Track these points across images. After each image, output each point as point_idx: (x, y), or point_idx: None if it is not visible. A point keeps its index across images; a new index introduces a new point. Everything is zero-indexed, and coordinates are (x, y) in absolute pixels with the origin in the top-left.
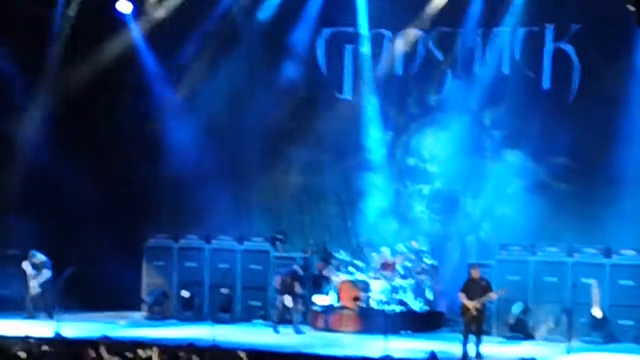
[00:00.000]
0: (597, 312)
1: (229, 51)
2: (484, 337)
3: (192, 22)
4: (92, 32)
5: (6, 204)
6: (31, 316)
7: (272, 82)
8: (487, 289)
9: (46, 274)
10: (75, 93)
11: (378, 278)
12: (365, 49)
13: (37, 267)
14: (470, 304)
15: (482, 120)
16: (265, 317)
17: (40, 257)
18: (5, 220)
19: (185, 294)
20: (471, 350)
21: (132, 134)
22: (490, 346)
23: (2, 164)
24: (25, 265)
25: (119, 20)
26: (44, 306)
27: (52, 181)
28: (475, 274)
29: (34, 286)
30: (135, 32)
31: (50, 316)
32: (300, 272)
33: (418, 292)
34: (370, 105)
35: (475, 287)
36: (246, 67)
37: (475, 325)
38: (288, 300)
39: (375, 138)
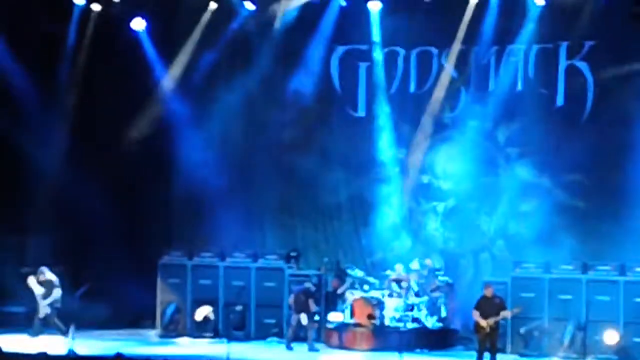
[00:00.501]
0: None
1: (243, 68)
2: (499, 355)
3: (206, 39)
4: (106, 49)
5: (22, 222)
6: (36, 336)
7: (285, 99)
8: (501, 306)
9: (56, 293)
10: (90, 111)
11: (392, 295)
12: (379, 66)
13: (44, 284)
14: (483, 322)
15: (496, 138)
16: (279, 335)
17: (49, 275)
18: (21, 238)
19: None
20: None
21: (146, 152)
22: None
23: (18, 182)
24: (32, 282)
25: (133, 38)
26: (56, 325)
27: (67, 199)
28: (489, 292)
29: (43, 306)
30: (149, 49)
31: (65, 334)
32: (313, 289)
33: (432, 309)
34: (384, 122)
35: (489, 305)
36: (260, 84)
37: (490, 343)
38: (304, 318)
39: (389, 155)
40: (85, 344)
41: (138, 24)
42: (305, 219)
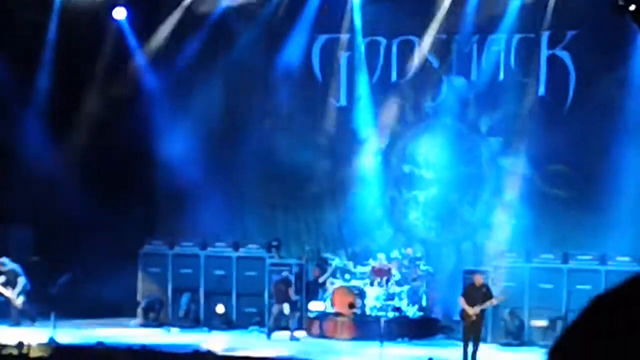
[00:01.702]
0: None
1: (223, 58)
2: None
3: (187, 31)
4: (87, 39)
5: (2, 213)
6: (16, 324)
7: (266, 89)
8: (488, 295)
9: (21, 281)
10: (71, 101)
11: (373, 285)
12: (361, 56)
13: (6, 274)
14: (470, 310)
15: (479, 127)
16: (260, 324)
17: (9, 265)
18: (2, 228)
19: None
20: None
21: (127, 142)
22: (486, 353)
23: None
24: None
25: (114, 27)
26: (26, 313)
27: (48, 190)
28: (478, 280)
29: (14, 297)
30: (131, 41)
31: (33, 322)
32: (292, 278)
33: (413, 298)
34: (366, 112)
35: (476, 293)
36: (240, 74)
37: (474, 331)
38: (286, 308)
39: (370, 145)
40: (66, 332)
41: (119, 14)
42: (287, 209)
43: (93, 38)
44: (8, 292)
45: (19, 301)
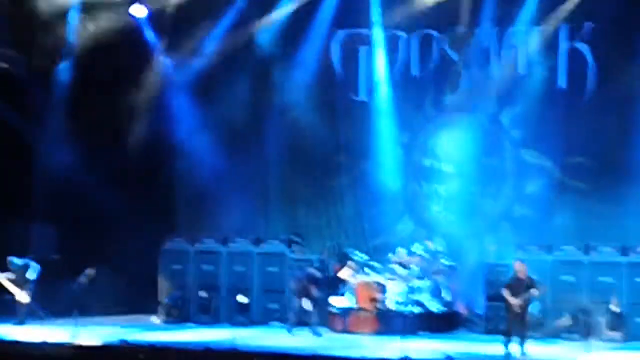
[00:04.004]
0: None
1: (244, 52)
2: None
3: (207, 26)
4: (106, 38)
5: (25, 211)
6: (21, 323)
7: (287, 84)
8: (531, 285)
9: (30, 277)
10: (93, 98)
11: (395, 279)
12: (380, 50)
13: (15, 272)
14: (514, 301)
15: (500, 120)
16: (282, 320)
17: (17, 262)
18: (25, 226)
19: (202, 294)
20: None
21: (149, 140)
22: (514, 346)
23: (21, 171)
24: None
25: (133, 24)
26: (34, 311)
27: (70, 187)
28: (521, 270)
29: (24, 294)
30: (150, 36)
31: (42, 320)
32: (317, 274)
33: (435, 292)
34: (386, 106)
35: (520, 284)
36: (261, 69)
37: (520, 323)
38: (307, 304)
39: (391, 139)
40: (88, 331)
41: (138, 11)
42: (308, 204)
43: (114, 34)
44: (15, 289)
45: (25, 298)
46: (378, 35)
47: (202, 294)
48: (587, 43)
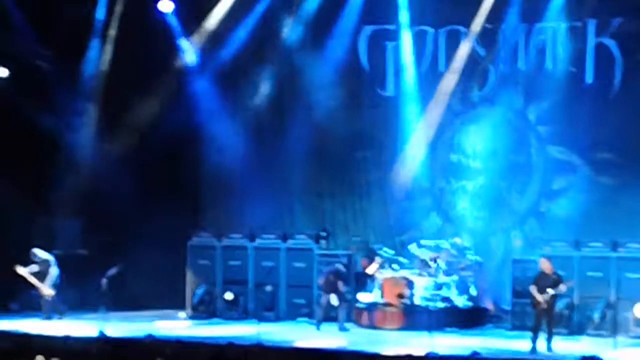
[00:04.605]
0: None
1: (271, 48)
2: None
3: (234, 19)
4: (133, 32)
5: (51, 206)
6: (48, 317)
7: (314, 80)
8: (558, 281)
9: (53, 272)
10: (118, 93)
11: (422, 275)
12: (407, 45)
13: (40, 265)
14: (540, 297)
15: (527, 116)
16: (309, 315)
17: (43, 255)
18: (50, 221)
19: (229, 296)
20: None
21: (175, 134)
22: (540, 342)
23: (46, 166)
24: (21, 271)
25: (161, 19)
26: (55, 306)
27: (96, 182)
28: (548, 267)
29: (47, 288)
30: (177, 31)
31: (62, 315)
32: (344, 269)
33: (462, 288)
34: (413, 101)
35: (547, 280)
36: (288, 64)
37: (547, 319)
38: (334, 299)
39: (418, 135)
40: (115, 326)
41: (165, 6)
42: (335, 199)
43: (140, 30)
44: (39, 283)
45: (49, 292)
46: (405, 30)
47: (229, 295)
48: (614, 38)
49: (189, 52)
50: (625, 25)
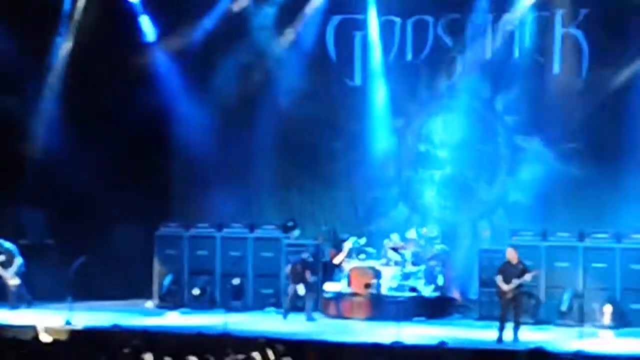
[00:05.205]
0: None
1: (239, 39)
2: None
3: (201, 10)
4: (99, 21)
5: (17, 195)
6: (15, 307)
7: (282, 70)
8: (524, 271)
9: (17, 262)
10: (84, 81)
11: (389, 264)
12: (375, 35)
13: (4, 254)
14: (505, 286)
15: (494, 106)
16: (277, 305)
17: (5, 246)
18: (17, 211)
19: (196, 291)
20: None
21: (142, 123)
22: (507, 332)
23: (13, 155)
24: None
25: (127, 9)
26: (21, 296)
27: (63, 172)
28: (513, 257)
29: (11, 277)
30: (145, 20)
31: (29, 305)
32: (311, 259)
33: (429, 278)
34: (381, 91)
35: (512, 270)
36: (256, 55)
37: (513, 309)
38: (301, 289)
39: (385, 124)
40: (82, 315)
41: None
42: (302, 189)
43: (107, 18)
44: (4, 272)
45: (14, 282)
46: (373, 20)
47: (195, 291)
48: (581, 29)
49: (150, 32)
50: (592, 16)
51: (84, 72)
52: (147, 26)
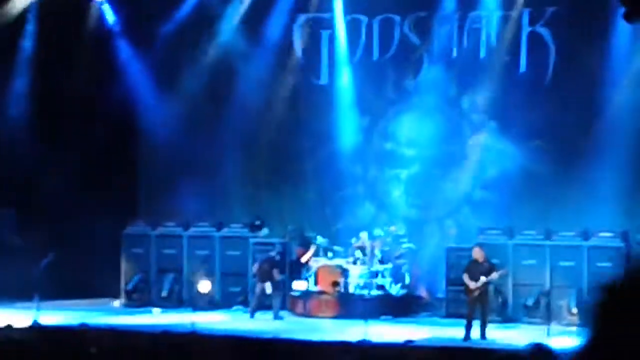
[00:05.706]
0: None
1: (206, 38)
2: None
3: (169, 6)
4: (63, 16)
5: None
6: None
7: (249, 69)
8: (491, 269)
9: None
10: (47, 78)
11: (356, 263)
12: (341, 34)
13: None
14: (472, 284)
15: (461, 104)
16: (244, 303)
17: None
18: None
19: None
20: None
21: (109, 121)
22: (474, 330)
23: None
24: None
25: (96, 10)
26: None
27: (29, 171)
28: (480, 255)
29: None
30: (110, 15)
31: None
32: (278, 257)
33: (396, 276)
34: (347, 90)
35: (479, 268)
36: (223, 54)
37: (480, 307)
38: (268, 287)
39: (352, 123)
40: (49, 314)
41: None
42: (270, 188)
43: (75, 16)
44: None
45: None
46: (339, 19)
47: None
48: (548, 27)
49: (123, 42)
50: (558, 14)
51: (50, 66)
52: (110, 16)
